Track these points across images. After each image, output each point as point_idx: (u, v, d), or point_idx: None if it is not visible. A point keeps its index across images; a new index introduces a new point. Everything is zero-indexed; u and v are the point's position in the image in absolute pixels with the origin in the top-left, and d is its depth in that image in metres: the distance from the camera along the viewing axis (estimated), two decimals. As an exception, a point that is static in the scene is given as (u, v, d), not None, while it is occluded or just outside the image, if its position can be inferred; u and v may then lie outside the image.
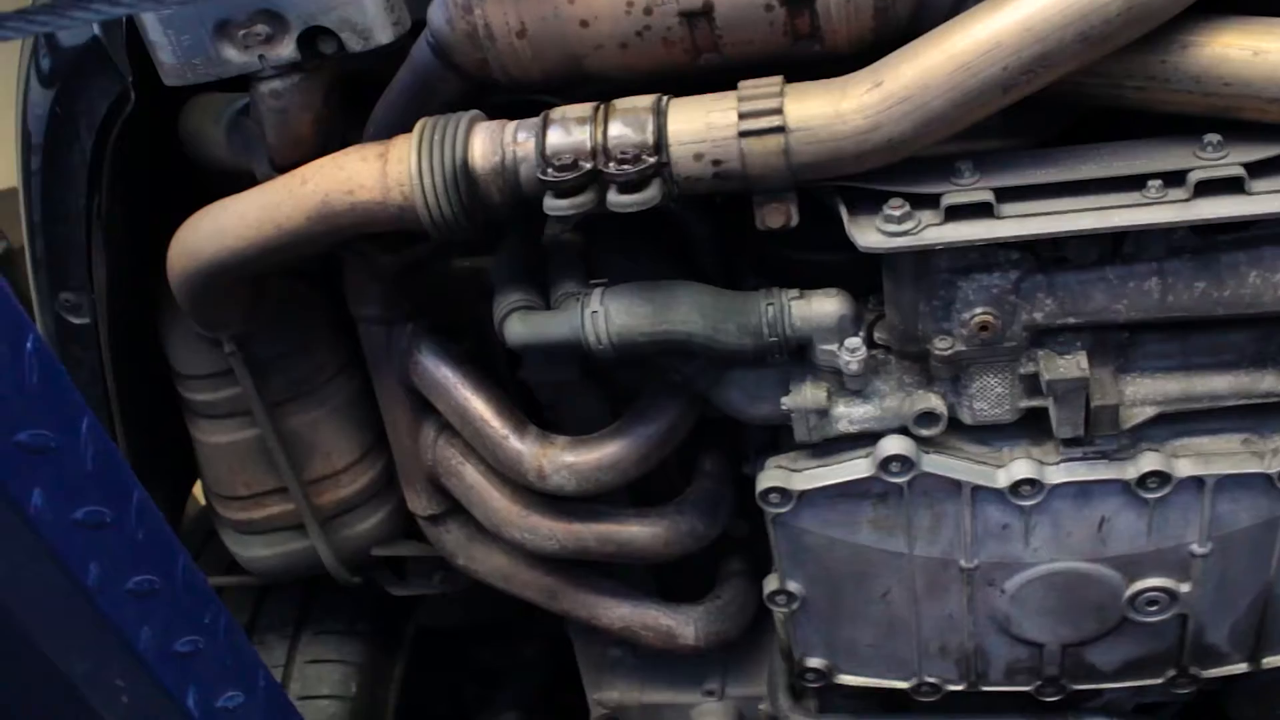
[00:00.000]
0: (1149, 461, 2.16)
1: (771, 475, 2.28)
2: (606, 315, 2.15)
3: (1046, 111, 2.08)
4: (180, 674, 1.86)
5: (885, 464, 2.20)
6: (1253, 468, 2.17)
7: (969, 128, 1.96)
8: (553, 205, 1.99)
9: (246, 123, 2.31)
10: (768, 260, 2.29)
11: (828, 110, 1.92)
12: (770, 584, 2.47)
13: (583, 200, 1.98)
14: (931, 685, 2.59)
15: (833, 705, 2.80)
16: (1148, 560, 2.31)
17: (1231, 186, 1.91)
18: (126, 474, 1.76)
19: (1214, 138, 1.93)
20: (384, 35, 2.09)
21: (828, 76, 1.98)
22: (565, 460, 2.40)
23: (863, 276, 2.14)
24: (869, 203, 2.00)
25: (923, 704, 2.64)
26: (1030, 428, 2.22)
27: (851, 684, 2.62)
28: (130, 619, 1.77)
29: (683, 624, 2.75)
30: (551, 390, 2.59)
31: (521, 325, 2.22)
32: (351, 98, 2.33)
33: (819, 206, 2.07)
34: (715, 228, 2.35)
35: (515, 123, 2.07)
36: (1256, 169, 1.92)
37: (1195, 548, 2.28)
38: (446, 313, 2.62)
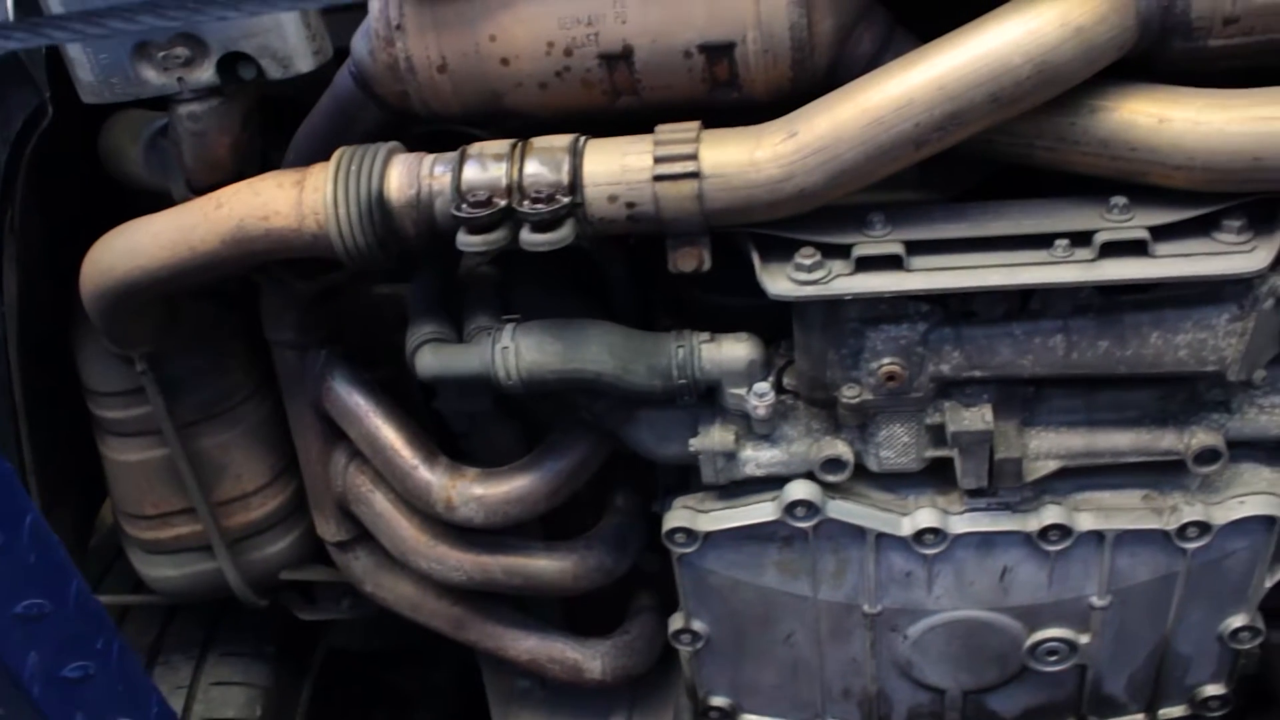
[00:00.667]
0: (1051, 514, 2.19)
1: (678, 515, 2.29)
2: (517, 351, 2.15)
3: (962, 166, 2.10)
4: (66, 701, 1.84)
5: (790, 508, 2.21)
6: (1151, 524, 2.20)
7: (885, 178, 1.98)
8: (465, 241, 1.99)
9: (165, 143, 2.29)
10: (682, 301, 2.29)
11: (742, 158, 1.93)
12: (675, 622, 2.47)
13: (496, 237, 1.98)
14: (834, 727, 2.61)
15: (736, 743, 2.81)
16: (1048, 611, 2.34)
17: (1136, 249, 1.94)
18: (20, 497, 1.74)
19: (1120, 200, 1.96)
20: (304, 64, 2.08)
21: (747, 123, 1.99)
22: (474, 492, 2.40)
23: (775, 322, 2.15)
24: (782, 250, 2.02)
25: (825, 746, 2.66)
26: (936, 476, 2.24)
27: (754, 725, 2.63)
28: (16, 644, 1.74)
29: (589, 658, 2.74)
30: (466, 420, 2.58)
31: (432, 358, 2.21)
32: (276, 119, 2.32)
33: (734, 250, 2.08)
34: (631, 267, 2.36)
35: (433, 156, 2.07)
36: (1161, 232, 1.95)
37: (1095, 600, 2.31)
38: (366, 337, 2.62)
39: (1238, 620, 2.35)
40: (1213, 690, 2.47)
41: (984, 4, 1.89)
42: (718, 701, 2.60)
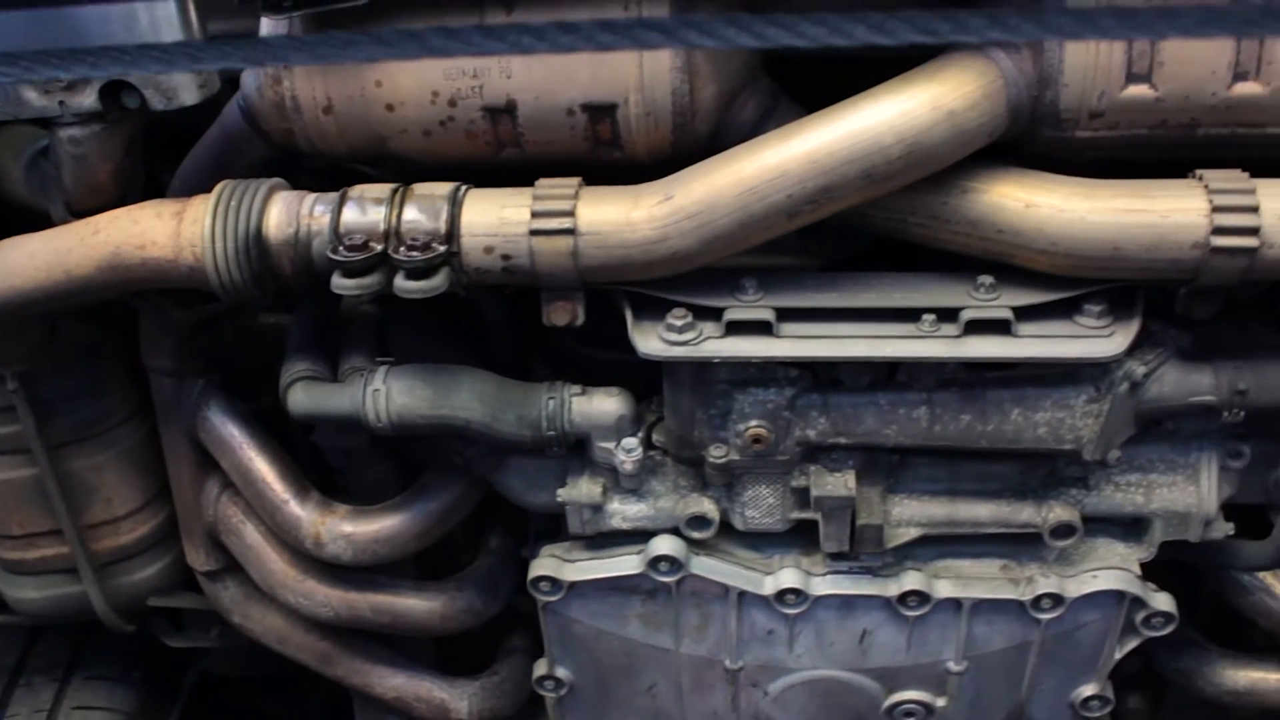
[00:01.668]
0: (911, 580, 2.23)
1: (544, 564, 2.30)
2: (388, 394, 2.15)
3: (839, 235, 2.14)
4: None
5: (655, 563, 2.23)
6: (1007, 594, 2.25)
7: (764, 243, 2.01)
8: (340, 284, 1.98)
9: (45, 164, 2.27)
10: (558, 352, 2.31)
11: (619, 218, 1.95)
12: (540, 668, 2.48)
13: (370, 282, 1.98)
14: (695, 780, 2.62)
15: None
16: (906, 674, 2.38)
17: (1000, 328, 1.99)
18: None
19: (987, 279, 2.01)
20: (189, 97, 2.06)
21: (633, 181, 2.01)
22: (343, 530, 2.39)
23: (649, 378, 2.17)
24: (656, 309, 2.04)
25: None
26: (802, 538, 2.27)
27: (617, 772, 2.64)
28: None
29: (457, 698, 2.74)
30: (343, 455, 2.57)
31: (304, 395, 2.21)
32: (172, 140, 2.30)
33: (612, 305, 2.10)
34: (510, 315, 2.37)
35: (314, 196, 2.07)
36: (1025, 313, 2.00)
37: (951, 665, 2.35)
38: (247, 366, 2.60)
39: (1089, 689, 2.40)
40: (1065, 756, 2.52)
41: (870, 80, 1.93)
42: (580, 748, 2.61)
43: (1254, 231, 1.89)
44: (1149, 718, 2.88)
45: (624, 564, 2.26)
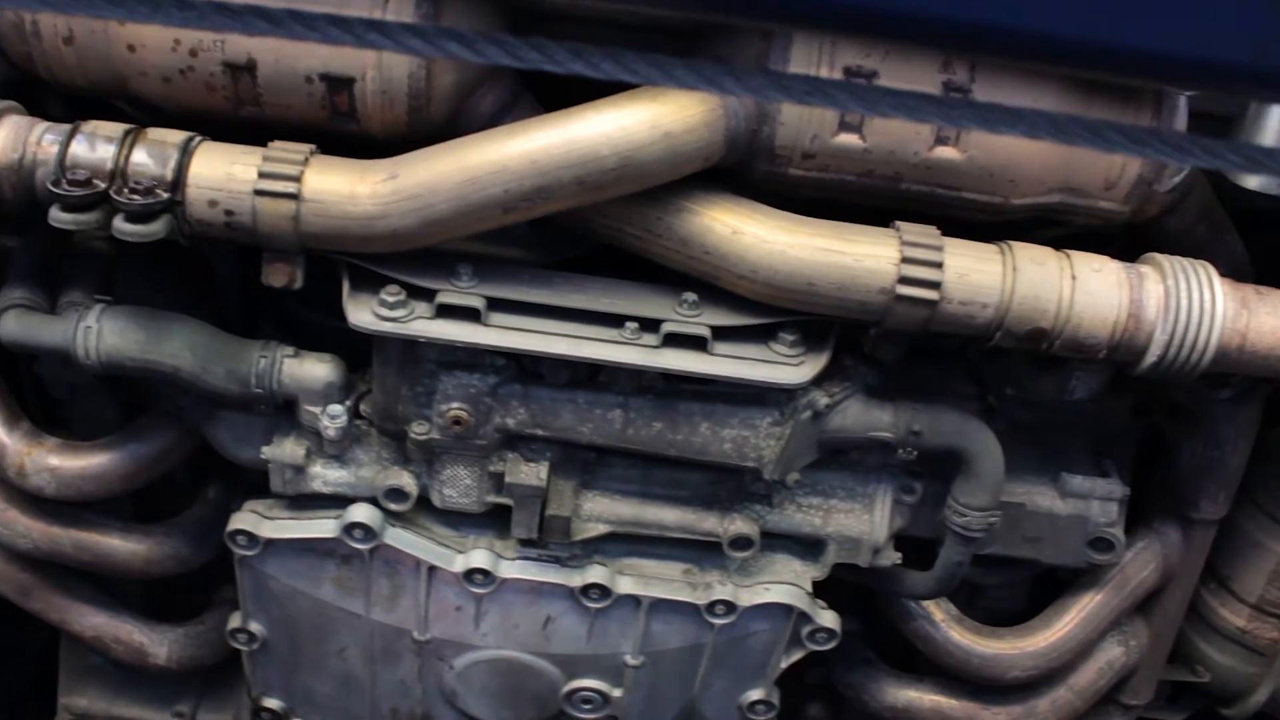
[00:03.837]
0: (595, 574, 2.32)
1: (243, 518, 2.33)
2: (99, 333, 2.15)
3: (569, 235, 2.21)
4: None
5: (350, 529, 2.28)
6: (685, 596, 2.36)
7: (496, 231, 2.08)
8: (57, 217, 1.99)
9: None
10: (289, 315, 2.34)
11: (343, 189, 2.00)
12: (234, 621, 2.51)
13: (88, 219, 1.99)
14: (381, 743, 2.68)
15: (295, 747, 2.85)
16: (585, 662, 2.47)
17: (697, 344, 2.09)
18: None
19: (691, 296, 2.11)
20: (-71, 7, 2.04)
21: (380, 155, 2.06)
22: (49, 463, 2.38)
23: (369, 349, 2.22)
24: (374, 283, 2.09)
25: (374, 760, 2.73)
26: (498, 521, 2.34)
27: (306, 730, 2.69)
28: None
29: (156, 643, 2.74)
30: (66, 388, 2.56)
31: (15, 324, 2.20)
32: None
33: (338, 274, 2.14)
34: (241, 272, 2.39)
35: (47, 125, 2.06)
36: (723, 333, 2.11)
37: (628, 658, 2.45)
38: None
39: (756, 694, 2.54)
40: (731, 756, 2.65)
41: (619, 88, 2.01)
42: (271, 703, 2.65)
43: (936, 285, 2.03)
44: (827, 728, 3.04)
45: (321, 527, 2.31)
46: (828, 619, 2.41)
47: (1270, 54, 0.93)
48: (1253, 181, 2.16)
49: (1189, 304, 2.07)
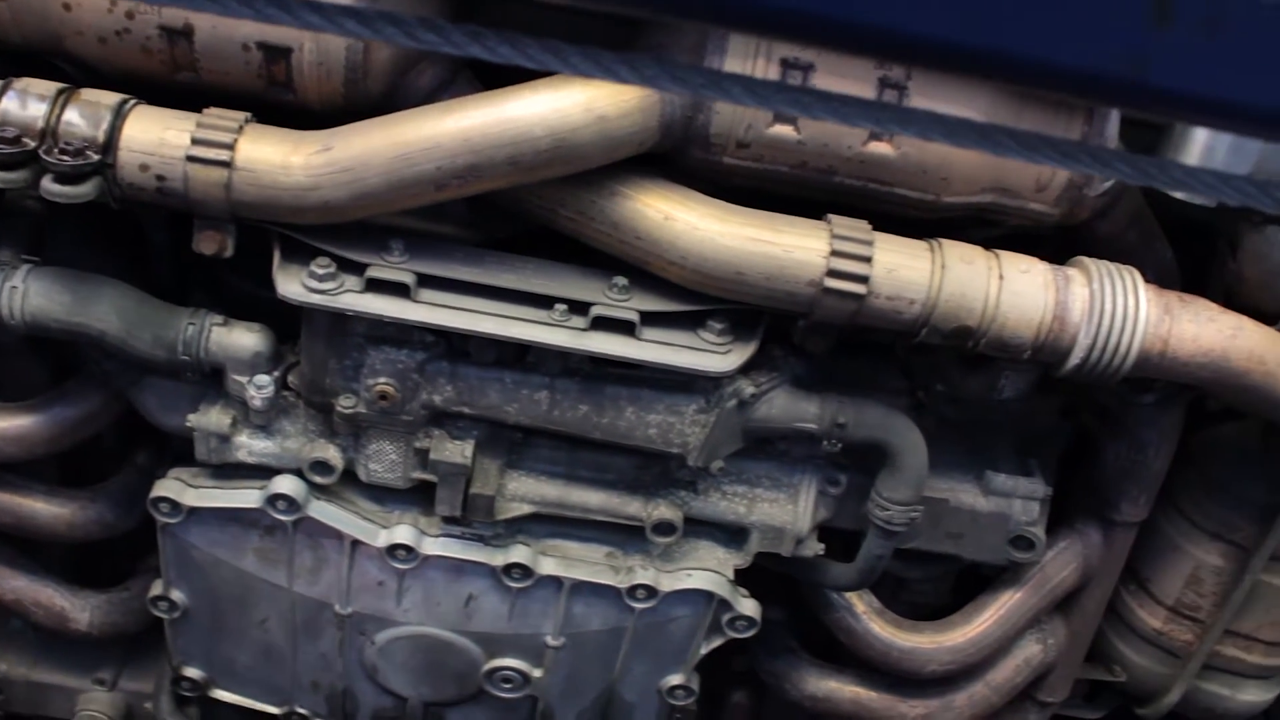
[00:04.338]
0: (517, 554, 2.33)
1: (167, 485, 2.32)
2: (25, 294, 2.14)
3: (505, 215, 2.21)
4: None
5: (273, 500, 2.28)
6: (607, 579, 2.37)
7: (432, 208, 2.09)
8: (-17, 173, 1.97)
9: None
10: (216, 282, 2.33)
11: (276, 159, 1.99)
12: (155, 589, 2.50)
13: (15, 178, 1.98)
14: (302, 716, 2.69)
15: (215, 718, 2.84)
16: (506, 641, 2.48)
17: (625, 328, 2.10)
18: None
19: (621, 280, 2.12)
20: None
21: (318, 126, 2.05)
22: (-28, 423, 2.37)
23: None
24: (305, 254, 2.08)
25: (294, 733, 2.73)
26: (424, 498, 2.34)
27: (226, 700, 2.68)
28: None
29: (78, 609, 2.73)
30: (-7, 348, 2.54)
31: None
32: None
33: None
34: (174, 237, 2.38)
35: (-22, 81, 2.05)
36: (652, 319, 2.11)
37: (549, 639, 2.46)
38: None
39: (675, 678, 2.55)
40: (651, 739, 2.67)
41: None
42: (191, 672, 2.64)
43: (864, 280, 2.05)
44: (751, 713, 3.05)
45: (245, 497, 2.30)
46: (748, 607, 2.42)
47: (1145, 68, 0.94)
48: (1180, 191, 2.18)
49: (1113, 308, 2.10)
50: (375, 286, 2.07)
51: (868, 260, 2.06)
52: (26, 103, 2.01)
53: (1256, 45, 1.00)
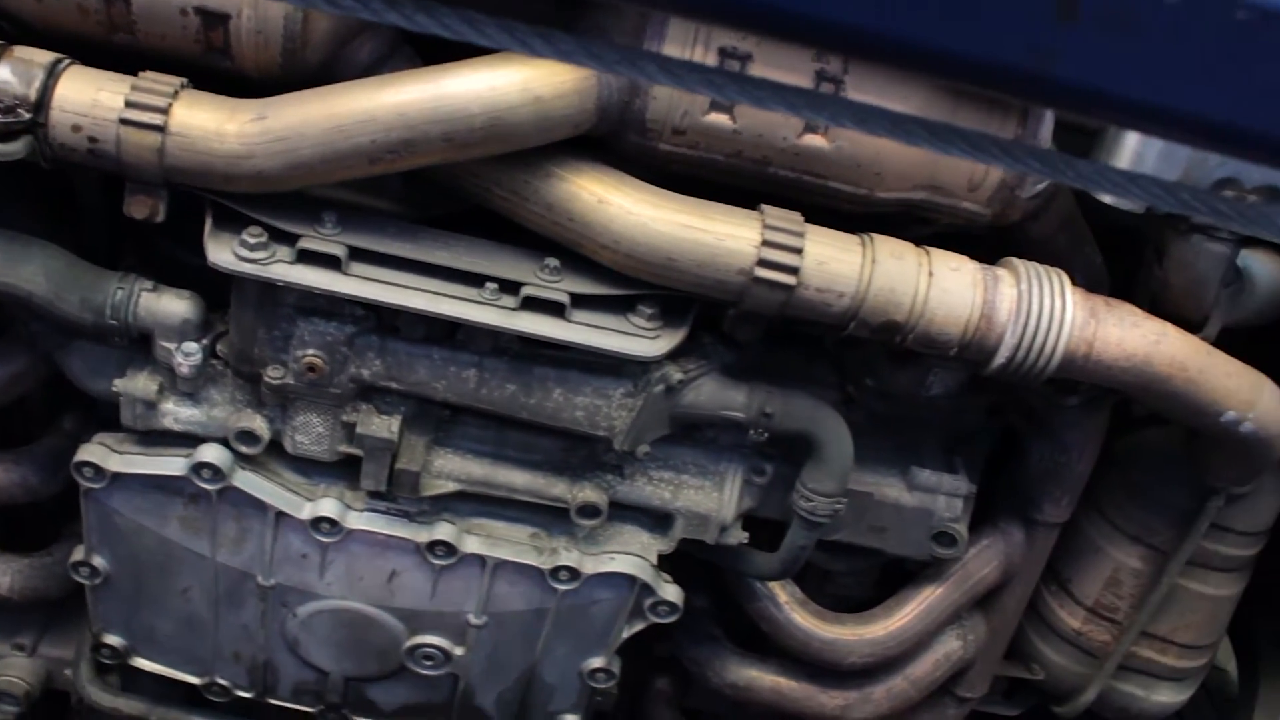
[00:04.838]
0: (441, 532, 2.33)
1: (91, 450, 2.31)
2: (-49, 252, 2.12)
3: (440, 191, 2.21)
4: None
5: (198, 468, 2.27)
6: (530, 560, 2.38)
7: (368, 181, 2.08)
8: (-89, 129, 1.96)
9: None
10: (149, 247, 2.32)
11: (211, 126, 1.98)
12: (77, 554, 2.49)
13: (-58, 134, 1.96)
14: (222, 687, 2.67)
15: (135, 686, 2.82)
16: (428, 619, 2.48)
17: (555, 309, 2.11)
18: None
19: (553, 262, 2.12)
20: None
21: (259, 95, 2.04)
22: (-107, 386, 2.34)
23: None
24: (238, 223, 2.08)
25: (215, 703, 2.72)
26: (350, 471, 2.34)
27: (146, 668, 2.67)
28: None
29: (-1, 572, 2.71)
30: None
31: None
32: None
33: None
34: (107, 201, 2.36)
35: (-92, 34, 2.03)
36: (582, 301, 2.12)
37: (472, 618, 2.47)
38: None
39: (597, 661, 2.56)
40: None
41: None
42: (111, 640, 2.62)
43: (794, 270, 2.07)
44: (672, 700, 3.07)
45: (169, 464, 2.29)
46: (670, 592, 2.44)
47: (1049, 61, 0.96)
48: (1108, 196, 2.21)
49: (1040, 309, 2.13)
50: (306, 258, 2.06)
51: (799, 251, 2.07)
52: (-43, 58, 1.99)
53: (1163, 44, 1.02)
